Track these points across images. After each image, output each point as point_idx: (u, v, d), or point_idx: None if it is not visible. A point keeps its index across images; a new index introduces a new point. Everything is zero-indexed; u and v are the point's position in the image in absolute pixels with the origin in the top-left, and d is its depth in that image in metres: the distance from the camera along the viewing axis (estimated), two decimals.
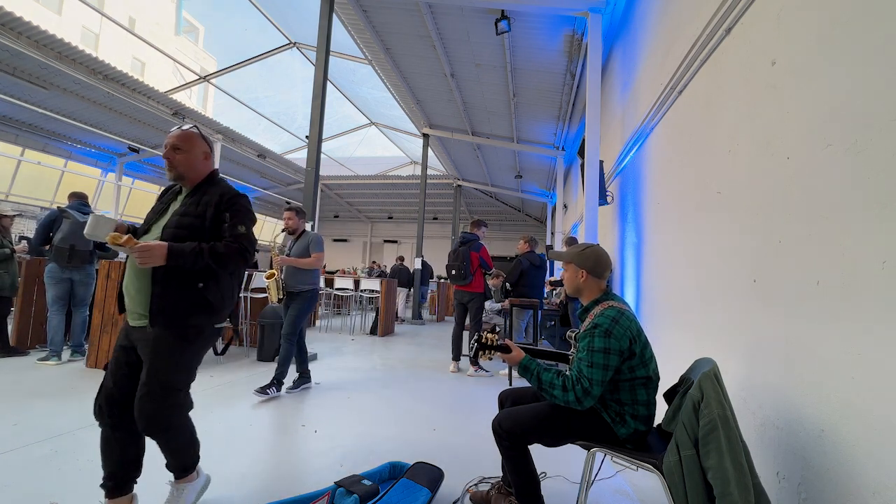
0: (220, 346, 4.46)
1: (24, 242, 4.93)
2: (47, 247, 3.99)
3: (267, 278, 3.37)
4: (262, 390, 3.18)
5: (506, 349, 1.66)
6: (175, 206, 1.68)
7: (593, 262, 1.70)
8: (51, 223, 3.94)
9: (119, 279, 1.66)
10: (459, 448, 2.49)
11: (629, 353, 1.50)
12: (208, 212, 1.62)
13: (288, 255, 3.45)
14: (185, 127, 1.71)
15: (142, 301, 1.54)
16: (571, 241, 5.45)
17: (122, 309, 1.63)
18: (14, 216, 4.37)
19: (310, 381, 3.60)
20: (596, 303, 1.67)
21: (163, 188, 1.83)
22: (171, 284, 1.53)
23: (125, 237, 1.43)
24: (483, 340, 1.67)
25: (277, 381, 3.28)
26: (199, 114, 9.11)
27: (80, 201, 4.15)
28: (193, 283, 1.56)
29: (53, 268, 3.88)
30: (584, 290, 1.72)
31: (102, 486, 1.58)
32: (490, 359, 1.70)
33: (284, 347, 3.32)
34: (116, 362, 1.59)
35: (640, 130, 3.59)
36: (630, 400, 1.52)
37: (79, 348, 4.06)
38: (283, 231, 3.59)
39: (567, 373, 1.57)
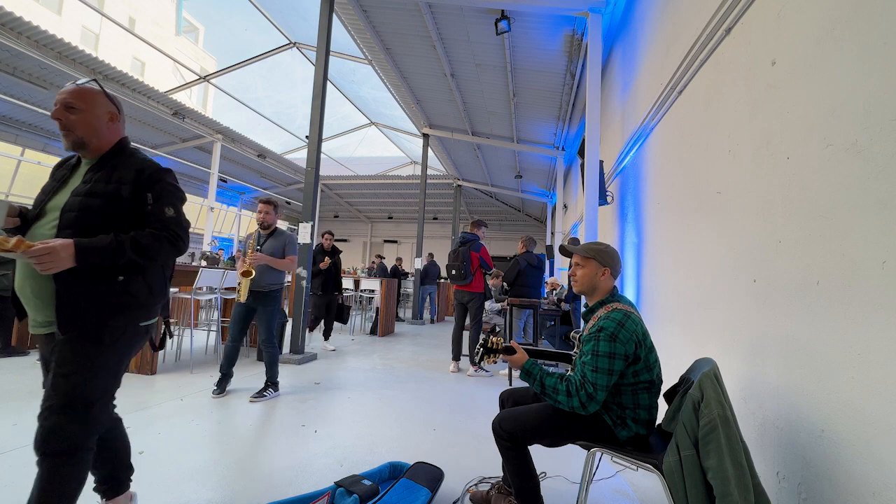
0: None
1: None
2: None
3: (244, 275, 3.14)
4: (259, 395, 3.19)
5: (510, 351, 1.65)
6: (75, 184, 1.34)
7: (615, 261, 1.68)
8: None
9: (11, 279, 1.33)
10: (459, 448, 2.49)
11: (634, 357, 1.49)
12: (123, 190, 1.31)
13: (258, 252, 3.27)
14: (80, 82, 1.42)
15: (42, 305, 1.25)
16: (574, 242, 5.44)
17: (21, 315, 1.33)
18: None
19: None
20: (602, 304, 1.65)
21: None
22: (80, 279, 1.23)
23: (13, 241, 1.10)
24: (488, 345, 1.66)
25: (272, 383, 3.29)
26: (199, 114, 9.12)
27: None
28: (111, 275, 1.28)
29: None
30: (597, 289, 1.68)
31: (95, 489, 1.50)
32: (495, 362, 1.70)
33: (269, 352, 3.30)
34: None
35: (640, 130, 3.59)
36: (632, 404, 1.51)
37: None
38: (261, 226, 3.35)
39: (568, 374, 1.57)
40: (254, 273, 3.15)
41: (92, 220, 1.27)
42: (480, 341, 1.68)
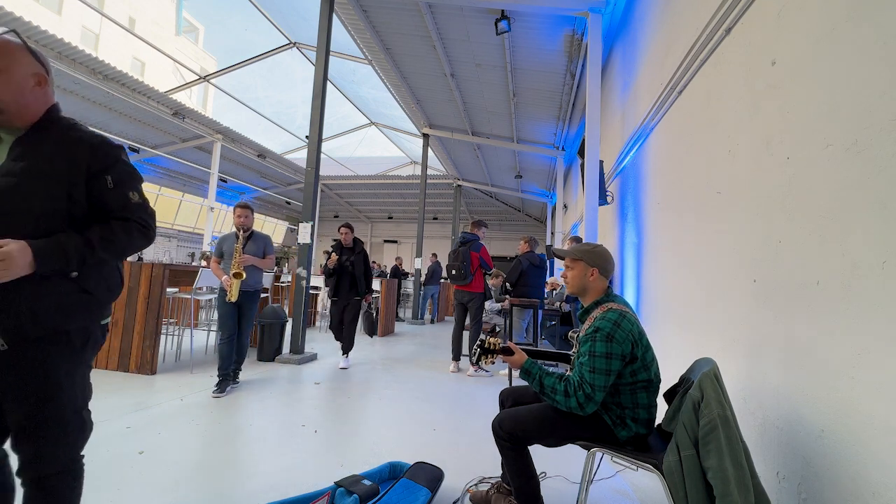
0: None
1: None
2: None
3: (235, 277, 3.32)
4: (234, 381, 3.51)
5: (508, 352, 1.65)
6: None
7: (604, 261, 1.68)
8: None
9: None
10: (459, 448, 2.49)
11: (631, 356, 1.49)
12: (73, 172, 1.08)
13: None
14: None
15: None
16: (577, 241, 5.44)
17: None
18: None
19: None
20: (597, 304, 1.65)
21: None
22: (30, 279, 1.02)
23: None
24: (486, 345, 1.66)
25: (234, 374, 3.54)
26: (199, 114, 9.12)
27: None
28: (63, 273, 1.09)
29: None
30: (589, 290, 1.69)
31: None
32: (493, 363, 1.69)
33: (245, 346, 3.58)
34: None
35: (640, 130, 3.59)
36: (631, 403, 1.52)
37: None
38: (241, 230, 3.49)
39: (567, 374, 1.57)
40: (244, 275, 3.36)
41: (27, 206, 1.03)
42: (478, 342, 1.68)
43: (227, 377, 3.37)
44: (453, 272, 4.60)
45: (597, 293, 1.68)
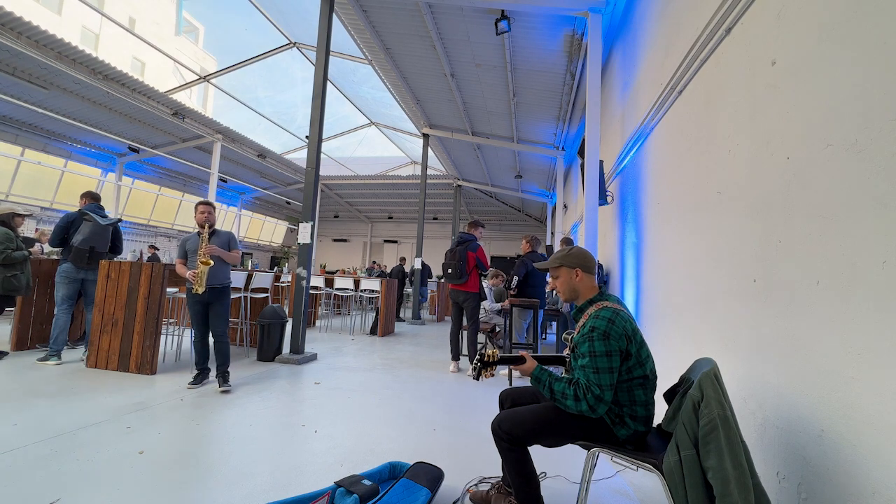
0: None
1: (37, 245, 4.95)
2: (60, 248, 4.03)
3: (204, 264, 3.33)
4: (227, 385, 3.42)
5: (520, 360, 1.66)
6: None
7: (582, 259, 1.71)
8: (69, 224, 3.97)
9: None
10: (459, 448, 2.49)
11: (626, 353, 1.51)
12: None
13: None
14: None
15: None
16: (568, 241, 5.45)
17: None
18: (26, 216, 4.38)
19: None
20: (590, 303, 1.67)
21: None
22: None
23: None
24: (485, 358, 1.67)
25: (222, 378, 3.50)
26: (199, 114, 9.12)
27: (95, 203, 4.20)
28: None
29: (69, 268, 3.91)
30: (581, 291, 1.71)
31: None
32: (493, 375, 1.69)
33: (226, 343, 3.53)
34: None
35: (640, 130, 3.59)
36: (628, 401, 1.52)
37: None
38: (204, 227, 3.46)
39: (576, 378, 1.57)
40: (212, 263, 3.37)
41: None
42: (476, 357, 1.68)
43: (205, 371, 3.53)
44: (449, 271, 4.61)
45: (589, 292, 1.71)
